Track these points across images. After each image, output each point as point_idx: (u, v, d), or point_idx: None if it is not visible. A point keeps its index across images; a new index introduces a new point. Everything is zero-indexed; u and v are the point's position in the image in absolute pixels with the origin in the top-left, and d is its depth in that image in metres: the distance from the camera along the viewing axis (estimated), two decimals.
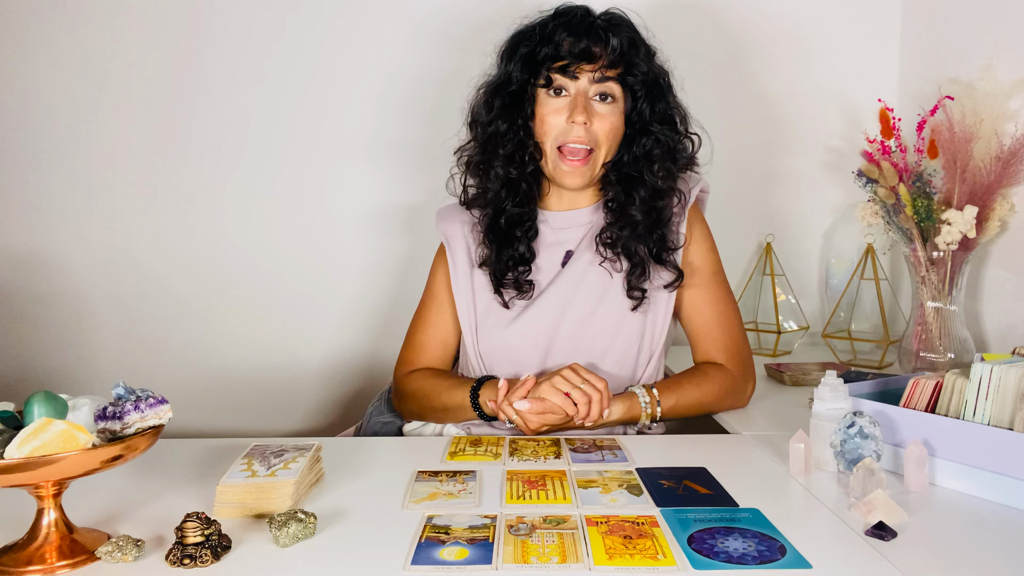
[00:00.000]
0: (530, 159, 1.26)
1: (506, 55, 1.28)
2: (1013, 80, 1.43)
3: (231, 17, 1.79)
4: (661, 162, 1.24)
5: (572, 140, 1.22)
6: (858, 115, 1.81)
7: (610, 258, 1.26)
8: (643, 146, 1.25)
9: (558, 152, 1.24)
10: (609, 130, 1.23)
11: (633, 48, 1.23)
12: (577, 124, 1.21)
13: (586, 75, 1.22)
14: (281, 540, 0.79)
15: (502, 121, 1.26)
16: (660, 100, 1.25)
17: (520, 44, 1.25)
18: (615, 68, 1.22)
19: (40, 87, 1.80)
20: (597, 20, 1.24)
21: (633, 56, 1.22)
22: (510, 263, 1.28)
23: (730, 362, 1.28)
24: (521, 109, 1.25)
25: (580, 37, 1.20)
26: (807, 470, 0.99)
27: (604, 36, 1.21)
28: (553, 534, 0.81)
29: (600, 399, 1.12)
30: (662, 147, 1.25)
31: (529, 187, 1.29)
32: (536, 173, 1.29)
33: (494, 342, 1.27)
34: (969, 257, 1.45)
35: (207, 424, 1.85)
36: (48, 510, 0.79)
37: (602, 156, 1.25)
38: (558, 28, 1.22)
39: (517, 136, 1.25)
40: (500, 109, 1.26)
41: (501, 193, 1.28)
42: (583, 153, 1.23)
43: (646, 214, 1.24)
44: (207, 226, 1.85)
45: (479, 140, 1.29)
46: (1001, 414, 0.90)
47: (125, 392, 0.81)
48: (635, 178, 1.25)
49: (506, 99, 1.26)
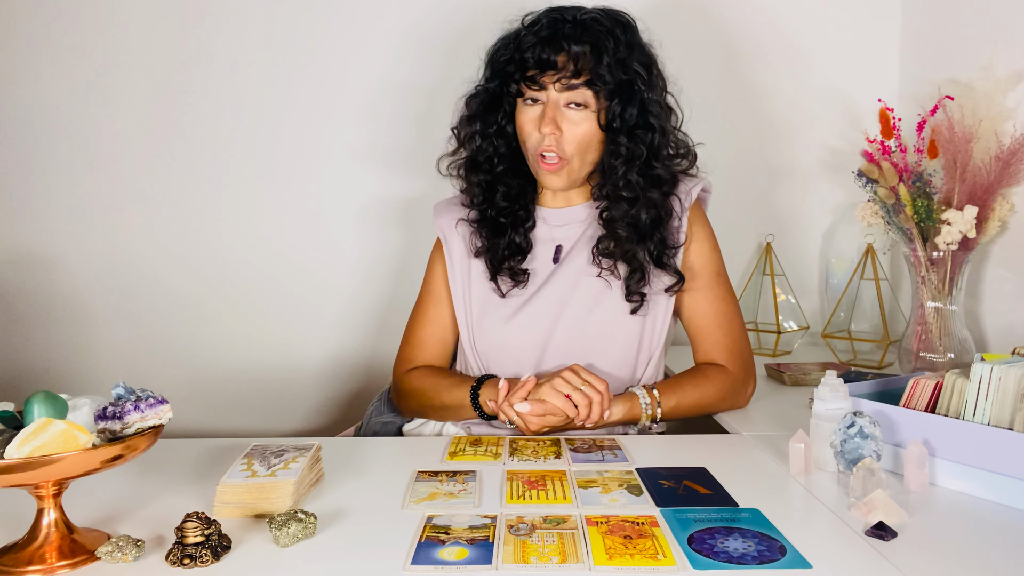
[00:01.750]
0: (515, 159, 1.28)
1: (487, 63, 1.29)
2: (1012, 79, 1.43)
3: (230, 22, 1.79)
4: (641, 164, 1.23)
5: (543, 149, 1.22)
6: (858, 115, 1.81)
7: (607, 268, 1.26)
8: (619, 151, 1.23)
9: (537, 158, 1.24)
10: (580, 137, 1.22)
11: (597, 53, 1.19)
12: (546, 135, 1.21)
13: (553, 85, 1.21)
14: (281, 540, 0.79)
15: (484, 126, 1.28)
16: (631, 103, 1.21)
17: (499, 52, 1.26)
18: (580, 76, 1.20)
19: (40, 87, 1.80)
20: (565, 28, 1.20)
21: (596, 63, 1.19)
22: (506, 252, 1.28)
23: (731, 363, 1.28)
24: (503, 114, 1.27)
25: (543, 46, 1.19)
26: (807, 470, 0.99)
27: (566, 45, 1.19)
28: (553, 534, 0.81)
29: (601, 401, 1.12)
30: (637, 150, 1.22)
31: (522, 183, 1.30)
32: (528, 172, 1.30)
33: (492, 339, 1.28)
34: (969, 257, 1.45)
35: (207, 424, 1.85)
36: (48, 510, 0.79)
37: (576, 163, 1.24)
38: (527, 37, 1.22)
39: (500, 138, 1.28)
40: (481, 116, 1.28)
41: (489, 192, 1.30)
42: (555, 159, 1.23)
43: (632, 227, 1.24)
44: (207, 226, 1.85)
45: (464, 144, 1.31)
46: (1001, 414, 0.90)
47: (125, 392, 0.81)
48: (618, 187, 1.24)
49: (486, 106, 1.28)
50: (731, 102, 1.86)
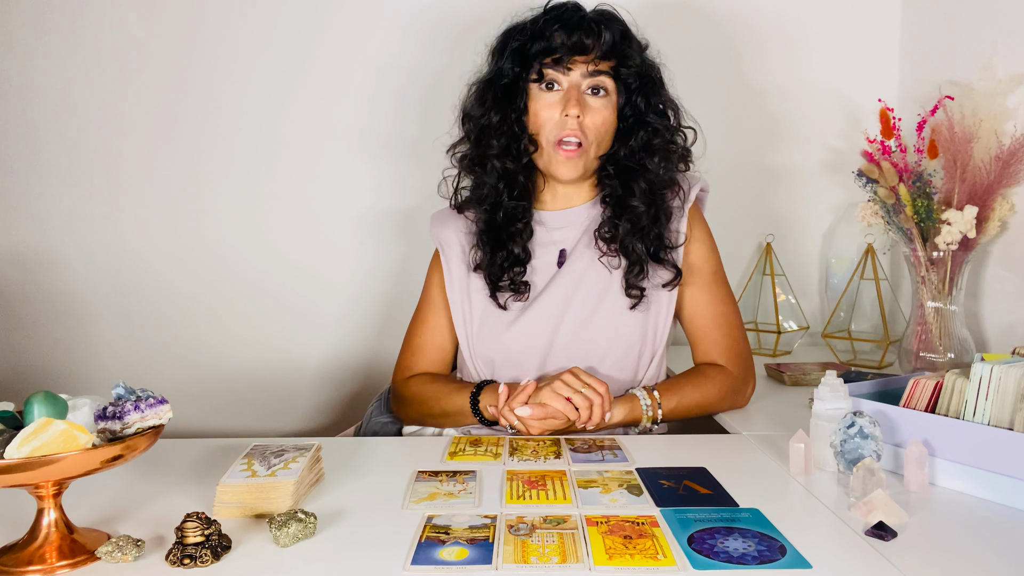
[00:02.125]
0: (524, 152, 1.26)
1: (497, 51, 1.28)
2: (1012, 79, 1.43)
3: (230, 22, 1.79)
4: (661, 153, 1.25)
5: (566, 134, 1.22)
6: (858, 115, 1.81)
7: (608, 253, 1.26)
8: (640, 139, 1.25)
9: (555, 144, 1.24)
10: (601, 123, 1.24)
11: (626, 41, 1.23)
12: (571, 117, 1.21)
13: (579, 68, 1.22)
14: (281, 540, 0.79)
15: (495, 114, 1.26)
16: (654, 93, 1.26)
17: (511, 39, 1.26)
18: (608, 61, 1.22)
19: (39, 87, 1.80)
20: (588, 14, 1.24)
21: (626, 49, 1.23)
22: (505, 264, 1.28)
23: (730, 363, 1.28)
24: (513, 103, 1.25)
25: (572, 30, 1.21)
26: (807, 470, 0.98)
27: (596, 29, 1.21)
28: (553, 534, 0.81)
29: (601, 403, 1.12)
30: (661, 138, 1.25)
31: (525, 181, 1.29)
32: (530, 168, 1.29)
33: (492, 346, 1.27)
34: (969, 257, 1.45)
35: (207, 424, 1.85)
36: (48, 510, 0.78)
37: (593, 149, 1.25)
38: (550, 23, 1.22)
39: (511, 129, 1.25)
40: (493, 103, 1.26)
41: (499, 186, 1.28)
42: (575, 145, 1.23)
43: (648, 204, 1.25)
44: (208, 227, 1.85)
45: (472, 136, 1.29)
46: (1001, 414, 0.90)
47: (125, 392, 0.81)
48: (634, 170, 1.25)
49: (498, 93, 1.26)
50: (731, 102, 1.86)
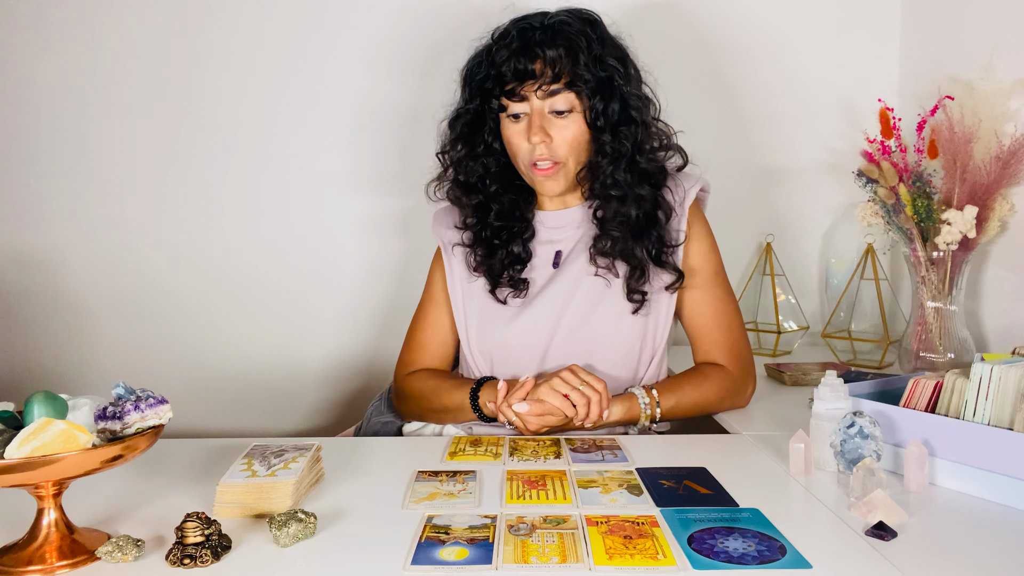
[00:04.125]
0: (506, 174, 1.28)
1: (465, 83, 1.29)
2: (1013, 80, 1.43)
3: (228, 23, 1.79)
4: (627, 160, 1.23)
5: (536, 158, 1.23)
6: (858, 115, 1.81)
7: (605, 267, 1.26)
8: (604, 149, 1.23)
9: (530, 167, 1.24)
10: (571, 138, 1.22)
11: (573, 55, 1.19)
12: (537, 144, 1.21)
13: (534, 94, 1.21)
14: (281, 540, 0.79)
15: (471, 148, 1.28)
16: (613, 99, 1.22)
17: (473, 71, 1.26)
18: (560, 80, 1.20)
19: (40, 87, 1.80)
20: (535, 35, 1.20)
21: (574, 64, 1.19)
22: (506, 262, 1.28)
23: (730, 363, 1.28)
24: (482, 135, 1.27)
25: (517, 57, 1.19)
26: (807, 470, 0.99)
27: (540, 52, 1.19)
28: (553, 534, 0.81)
29: (599, 400, 1.12)
30: (622, 146, 1.23)
31: (514, 198, 1.30)
32: (521, 184, 1.31)
33: (493, 343, 1.28)
34: (969, 257, 1.45)
35: (207, 424, 1.85)
36: (48, 510, 0.79)
37: (571, 165, 1.25)
38: (500, 51, 1.22)
39: (489, 159, 1.28)
40: (466, 138, 1.28)
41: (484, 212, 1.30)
42: (550, 164, 1.23)
43: (625, 225, 1.24)
44: (208, 226, 1.85)
45: (451, 169, 1.31)
46: (1001, 414, 0.90)
47: (125, 392, 0.81)
48: (607, 186, 1.24)
49: (468, 128, 1.28)
50: (731, 102, 1.85)
